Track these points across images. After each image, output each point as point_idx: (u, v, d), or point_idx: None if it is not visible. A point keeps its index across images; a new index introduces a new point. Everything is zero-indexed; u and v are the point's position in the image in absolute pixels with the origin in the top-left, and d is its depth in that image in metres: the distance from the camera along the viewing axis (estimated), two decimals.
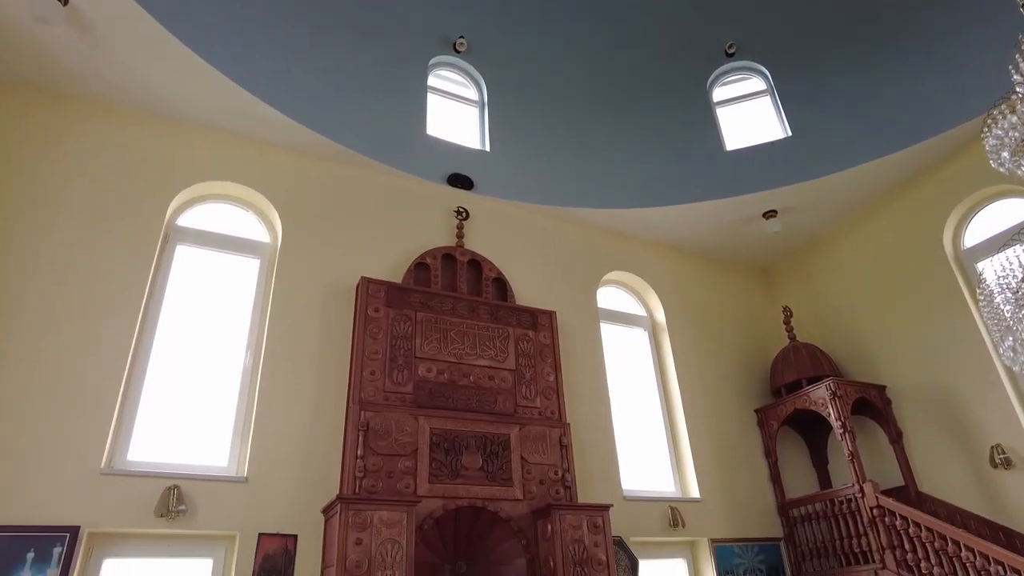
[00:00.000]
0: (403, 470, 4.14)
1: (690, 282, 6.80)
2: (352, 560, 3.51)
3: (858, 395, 5.67)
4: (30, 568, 3.33)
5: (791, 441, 6.36)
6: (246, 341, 4.59)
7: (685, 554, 5.46)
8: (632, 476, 5.45)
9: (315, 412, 4.34)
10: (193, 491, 3.82)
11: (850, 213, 6.50)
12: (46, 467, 3.57)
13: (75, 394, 3.79)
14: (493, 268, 5.39)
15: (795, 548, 5.63)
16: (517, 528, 4.28)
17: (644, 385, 6.15)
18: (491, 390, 4.73)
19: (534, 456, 4.59)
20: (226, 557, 3.90)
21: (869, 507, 5.05)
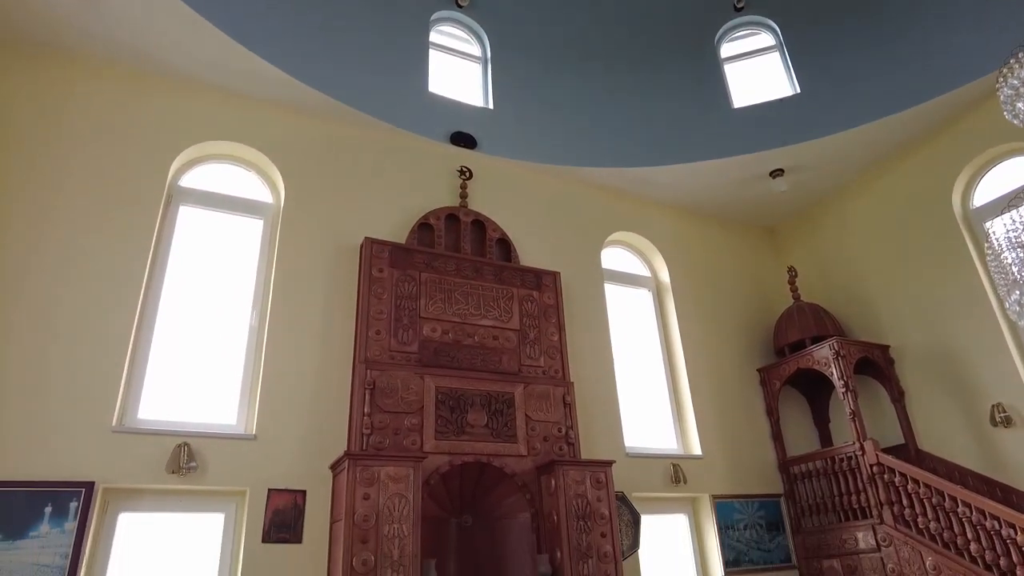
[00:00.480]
0: (409, 427, 4.20)
1: (695, 242, 6.76)
2: (360, 514, 3.59)
3: (861, 355, 5.70)
4: (48, 522, 3.42)
5: (793, 400, 6.42)
6: (251, 301, 4.61)
7: (686, 509, 5.57)
8: (635, 434, 5.53)
9: (321, 371, 4.39)
10: (203, 448, 3.89)
11: (858, 172, 6.42)
12: (60, 425, 3.63)
13: (84, 354, 3.84)
14: (497, 228, 5.37)
15: (795, 504, 5.74)
16: (521, 483, 4.36)
17: (647, 345, 6.18)
18: (496, 350, 4.76)
19: (538, 414, 4.65)
20: (237, 512, 3.99)
21: (869, 464, 5.12)
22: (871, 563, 4.99)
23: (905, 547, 4.77)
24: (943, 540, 4.59)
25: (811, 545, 5.49)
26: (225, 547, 3.92)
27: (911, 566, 4.73)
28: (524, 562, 4.25)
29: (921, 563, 4.66)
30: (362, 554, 3.51)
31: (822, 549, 5.39)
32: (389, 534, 3.61)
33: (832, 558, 5.30)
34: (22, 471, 3.46)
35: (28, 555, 3.33)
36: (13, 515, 3.36)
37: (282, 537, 3.87)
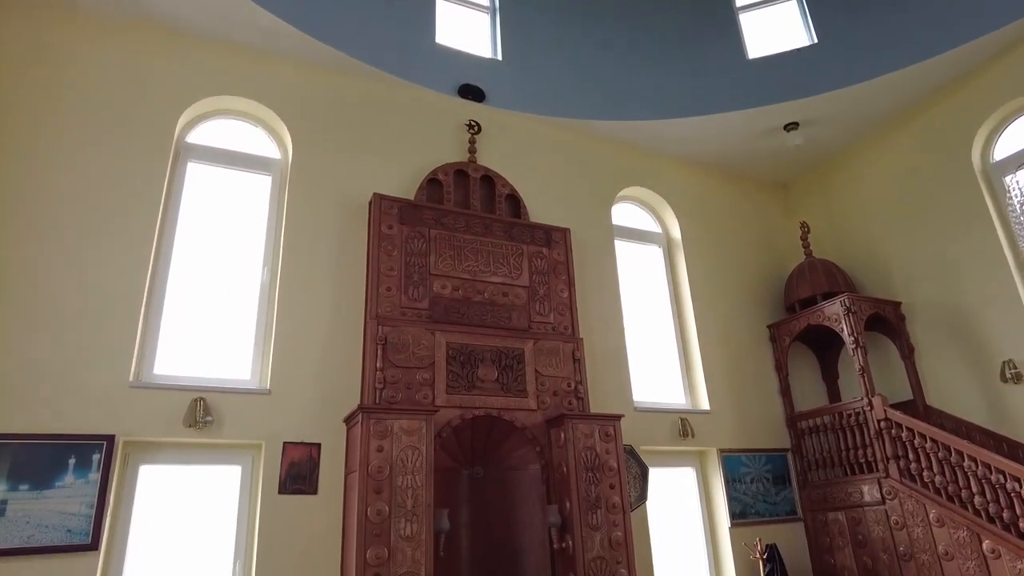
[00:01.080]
0: (421, 382, 4.25)
1: (707, 198, 6.68)
2: (374, 465, 3.67)
3: (872, 311, 5.68)
4: (73, 473, 3.52)
5: (802, 356, 6.43)
6: (262, 257, 4.62)
7: (694, 463, 5.66)
8: (643, 389, 5.58)
9: (334, 326, 4.42)
10: (218, 403, 3.96)
11: (875, 125, 6.27)
12: (80, 381, 3.70)
13: (99, 311, 3.87)
14: (506, 184, 5.32)
15: (802, 458, 5.81)
16: (531, 436, 4.43)
17: (657, 301, 6.18)
18: (505, 306, 4.77)
19: (548, 369, 4.69)
20: (253, 464, 4.09)
21: (877, 420, 5.16)
22: (875, 515, 5.08)
23: (910, 500, 4.84)
24: (947, 493, 4.65)
25: (816, 498, 5.58)
26: (243, 498, 4.03)
27: (914, 518, 4.80)
28: (534, 512, 4.36)
29: (924, 515, 4.74)
30: (376, 504, 3.60)
31: (827, 502, 5.48)
32: (403, 485, 3.70)
33: (837, 511, 5.39)
34: (46, 425, 3.55)
35: (56, 504, 3.44)
36: (40, 467, 3.46)
37: (298, 488, 3.97)
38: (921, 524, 4.76)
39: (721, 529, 5.39)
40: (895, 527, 4.92)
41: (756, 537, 5.16)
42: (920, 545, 4.75)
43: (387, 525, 3.59)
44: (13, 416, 3.50)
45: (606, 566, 4.05)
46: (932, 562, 4.66)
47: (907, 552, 4.82)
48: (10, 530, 3.32)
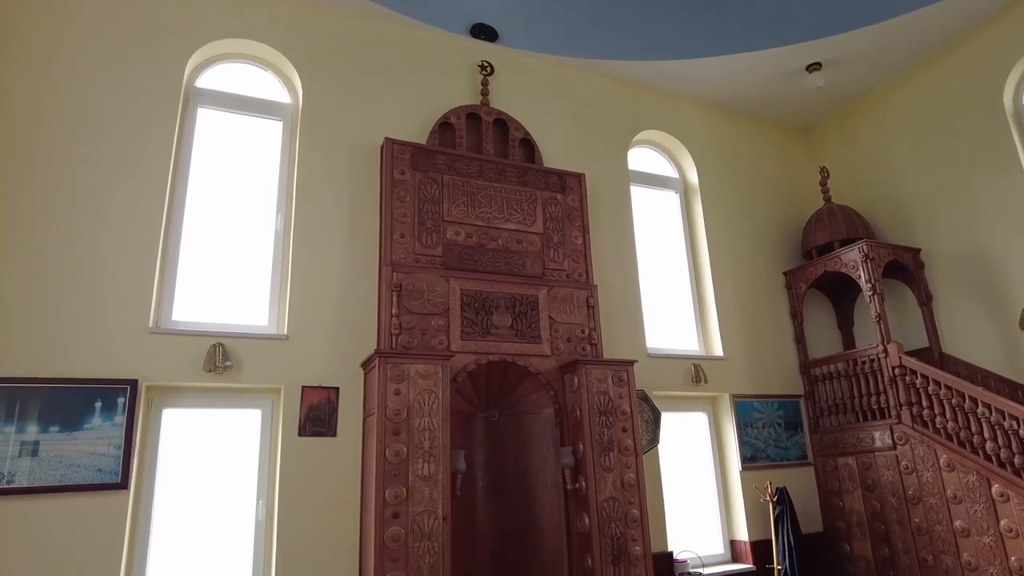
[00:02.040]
0: (436, 328, 4.28)
1: (725, 141, 6.53)
2: (392, 408, 3.74)
3: (891, 258, 5.60)
4: (100, 415, 3.62)
5: (818, 303, 6.40)
6: (276, 204, 4.61)
7: (706, 408, 5.72)
8: (657, 335, 5.59)
9: (349, 273, 4.44)
10: (237, 348, 4.02)
11: (900, 66, 6.04)
12: (102, 327, 3.75)
13: (116, 258, 3.90)
14: (520, 128, 5.21)
15: (814, 404, 5.85)
16: (545, 381, 4.47)
17: (673, 247, 6.13)
18: (519, 253, 4.75)
19: (561, 316, 4.70)
20: (273, 408, 4.18)
21: (891, 366, 5.15)
22: (885, 460, 5.13)
23: (921, 445, 4.88)
24: (959, 439, 4.68)
25: (827, 443, 5.64)
26: (264, 440, 4.13)
27: (924, 463, 4.85)
28: (548, 454, 4.44)
29: (935, 460, 4.78)
30: (395, 445, 3.69)
31: (838, 447, 5.54)
32: (420, 427, 3.77)
33: (847, 456, 5.45)
34: (71, 370, 3.63)
35: (85, 445, 3.55)
36: (68, 409, 3.57)
37: (317, 431, 4.06)
38: (931, 469, 4.81)
39: (732, 472, 5.48)
40: (905, 472, 4.98)
41: (767, 480, 5.25)
42: (929, 489, 4.81)
43: (405, 465, 3.68)
44: (40, 361, 3.58)
45: (618, 506, 4.14)
46: (940, 505, 4.72)
47: (915, 496, 4.88)
48: (44, 469, 3.45)
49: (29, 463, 3.44)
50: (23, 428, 3.47)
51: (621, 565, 4.03)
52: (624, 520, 4.13)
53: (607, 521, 4.08)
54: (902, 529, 4.97)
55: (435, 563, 3.59)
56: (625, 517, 4.14)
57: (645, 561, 4.11)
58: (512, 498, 4.40)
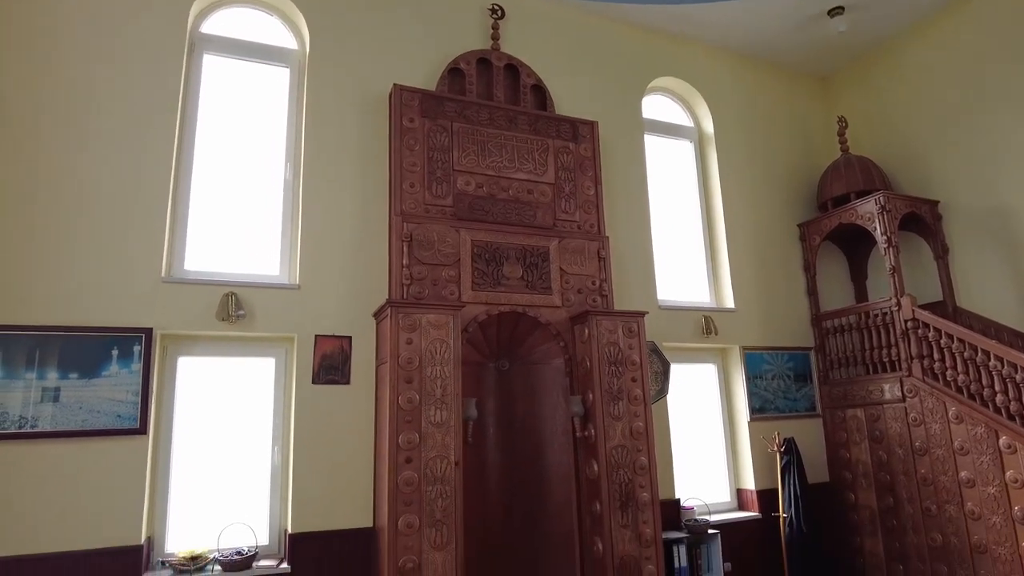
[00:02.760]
0: (447, 279, 4.28)
1: (743, 90, 6.36)
2: (404, 357, 3.77)
3: (908, 210, 5.50)
4: (117, 363, 3.68)
5: (831, 256, 6.33)
6: (284, 153, 4.56)
7: (716, 360, 5.74)
8: (668, 287, 5.57)
9: (360, 222, 4.42)
10: (249, 297, 4.04)
11: (926, 8, 5.80)
12: (115, 276, 3.78)
13: (127, 207, 3.89)
14: (531, 74, 5.08)
15: (824, 357, 5.86)
16: (556, 332, 4.49)
17: (686, 198, 6.05)
18: (530, 204, 4.69)
19: (572, 267, 4.67)
20: (287, 356, 4.23)
21: (904, 319, 5.13)
22: (894, 412, 5.16)
23: (930, 398, 4.89)
24: (969, 392, 4.68)
25: (836, 395, 5.67)
26: (278, 388, 4.20)
27: (933, 415, 4.87)
28: (558, 403, 4.49)
29: (944, 412, 4.80)
30: (407, 392, 3.73)
31: (847, 399, 5.57)
32: (432, 375, 3.81)
33: (856, 407, 5.49)
34: (88, 318, 3.67)
35: (104, 391, 3.62)
36: (86, 357, 3.63)
37: (331, 379, 4.11)
38: (939, 421, 4.83)
39: (740, 423, 5.53)
40: (913, 424, 5.01)
41: (775, 431, 5.31)
42: (936, 441, 4.84)
43: (418, 412, 3.73)
44: (57, 310, 3.62)
45: (627, 454, 4.20)
46: (946, 456, 4.76)
47: (923, 447, 4.92)
48: (66, 415, 3.53)
49: (51, 409, 3.52)
50: (43, 375, 3.54)
51: (629, 510, 4.12)
52: (632, 467, 4.20)
53: (615, 468, 4.15)
54: (907, 479, 5.03)
55: (447, 506, 3.68)
56: (633, 464, 4.21)
57: (652, 507, 4.20)
58: (522, 445, 4.48)
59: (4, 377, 3.47)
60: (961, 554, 4.64)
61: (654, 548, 4.14)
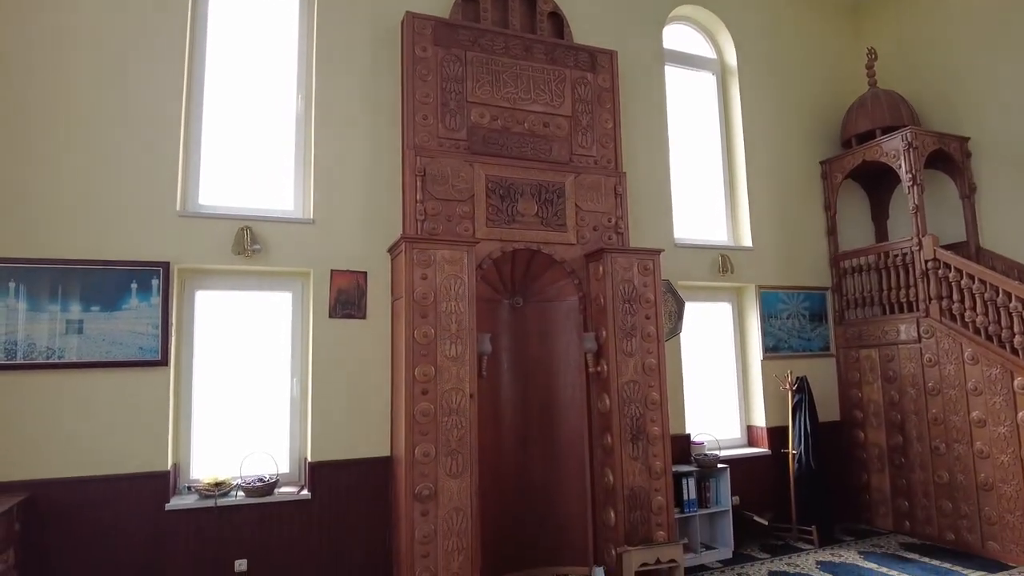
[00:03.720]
0: (461, 215, 4.24)
1: (768, 19, 6.08)
2: (419, 292, 3.79)
3: (936, 147, 5.32)
4: (136, 296, 3.74)
5: (852, 195, 6.20)
6: (295, 86, 4.47)
7: (731, 299, 5.71)
8: (685, 225, 5.50)
9: (373, 157, 4.36)
10: (264, 232, 4.05)
11: None
12: (131, 210, 3.80)
13: (139, 141, 3.86)
14: (549, 0, 4.87)
15: (841, 297, 5.81)
16: (570, 269, 4.47)
17: (706, 133, 5.89)
18: (546, 137, 4.59)
19: (588, 204, 4.61)
20: (303, 291, 4.27)
21: (924, 259, 5.05)
22: (908, 353, 5.15)
23: (947, 339, 4.86)
24: (987, 333, 4.64)
25: (851, 336, 5.65)
26: (295, 322, 4.26)
27: (948, 356, 4.86)
28: (571, 340, 4.52)
29: (960, 353, 4.78)
30: (423, 327, 3.77)
31: (862, 339, 5.55)
32: (447, 310, 3.83)
33: (870, 348, 5.48)
34: (105, 252, 3.71)
35: (125, 324, 3.69)
36: (106, 290, 3.69)
37: (347, 313, 4.15)
38: (954, 361, 4.82)
39: (753, 361, 5.55)
40: (927, 364, 5.00)
41: (787, 369, 5.33)
42: (950, 381, 4.84)
43: (433, 346, 3.77)
44: (76, 244, 3.67)
45: (638, 389, 4.25)
46: (959, 396, 4.77)
47: (936, 387, 4.93)
48: (90, 346, 3.62)
49: (76, 340, 3.60)
50: (67, 307, 3.60)
51: (639, 444, 4.20)
52: (644, 402, 4.25)
53: (627, 402, 4.21)
54: (918, 419, 5.06)
55: (463, 436, 3.77)
56: (645, 399, 4.26)
57: (663, 441, 4.27)
58: (535, 380, 4.54)
59: (29, 309, 3.54)
60: (966, 491, 4.71)
61: (663, 480, 4.24)
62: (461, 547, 3.70)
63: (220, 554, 3.71)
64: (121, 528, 3.56)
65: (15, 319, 3.52)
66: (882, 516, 5.34)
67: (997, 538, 4.51)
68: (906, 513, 5.15)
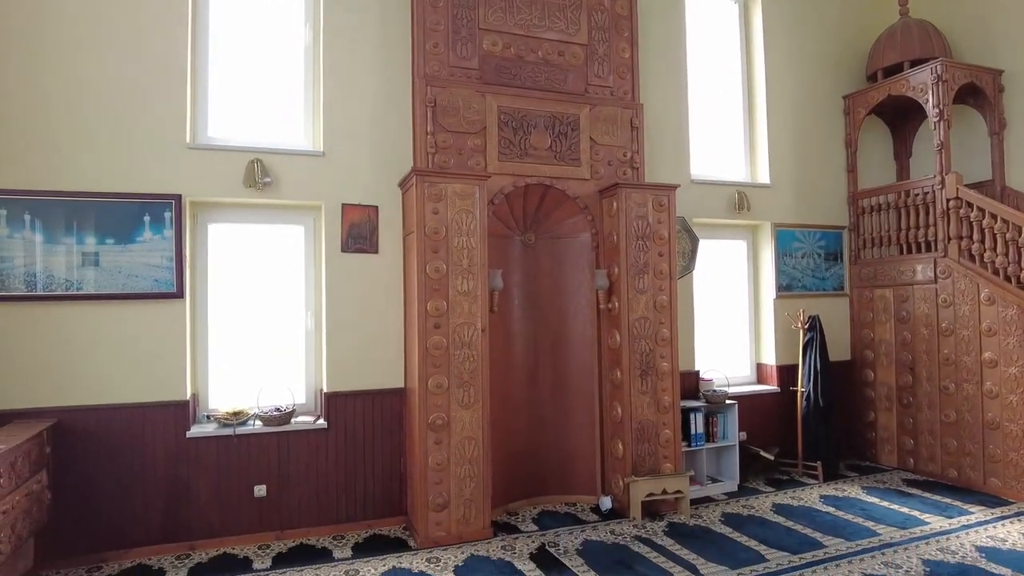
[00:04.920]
0: (472, 148, 4.17)
1: None
2: (431, 227, 3.77)
3: (967, 80, 5.11)
4: (150, 229, 3.75)
5: (875, 132, 6.01)
6: (303, 15, 4.33)
7: (746, 237, 5.64)
8: (702, 160, 5.38)
9: (383, 88, 4.26)
10: (275, 164, 4.01)
11: None
12: (141, 143, 3.77)
13: (145, 69, 3.80)
14: None
15: (858, 236, 5.72)
16: (583, 205, 4.42)
17: (726, 65, 5.68)
18: (561, 67, 4.45)
19: (603, 137, 4.50)
20: (315, 224, 4.26)
21: (946, 198, 4.93)
22: (923, 293, 5.10)
23: (963, 279, 4.80)
24: (1006, 274, 4.57)
25: (866, 275, 5.60)
26: (308, 256, 4.27)
27: (964, 296, 4.81)
28: (583, 277, 4.52)
29: (976, 294, 4.73)
30: (434, 262, 3.77)
31: (877, 279, 5.50)
32: (458, 245, 3.82)
33: (885, 288, 5.43)
34: (117, 184, 3.71)
35: (140, 257, 3.72)
36: (120, 223, 3.70)
37: (360, 248, 4.15)
38: (970, 302, 4.77)
39: (766, 300, 5.53)
40: (942, 305, 4.96)
41: (800, 308, 5.31)
42: (964, 322, 4.81)
43: (445, 281, 3.79)
44: (87, 176, 3.66)
45: (649, 325, 4.27)
46: (972, 337, 4.75)
47: (949, 328, 4.90)
48: (107, 279, 3.66)
49: (93, 273, 3.65)
50: (82, 240, 3.63)
51: (649, 379, 4.25)
52: (654, 338, 4.28)
53: (637, 338, 4.23)
54: (929, 359, 5.06)
55: (474, 369, 3.83)
56: (655, 336, 4.28)
57: (672, 376, 4.32)
58: (547, 316, 4.56)
59: (45, 242, 3.58)
60: (972, 430, 4.75)
61: (671, 414, 4.31)
62: (473, 474, 3.81)
63: (240, 479, 3.86)
64: (146, 453, 3.69)
65: (33, 251, 3.56)
66: (887, 454, 5.42)
67: (999, 475, 4.57)
68: (911, 451, 5.23)
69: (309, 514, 3.98)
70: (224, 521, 3.82)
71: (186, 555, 3.69)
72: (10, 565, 3.09)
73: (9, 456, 2.90)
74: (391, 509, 4.15)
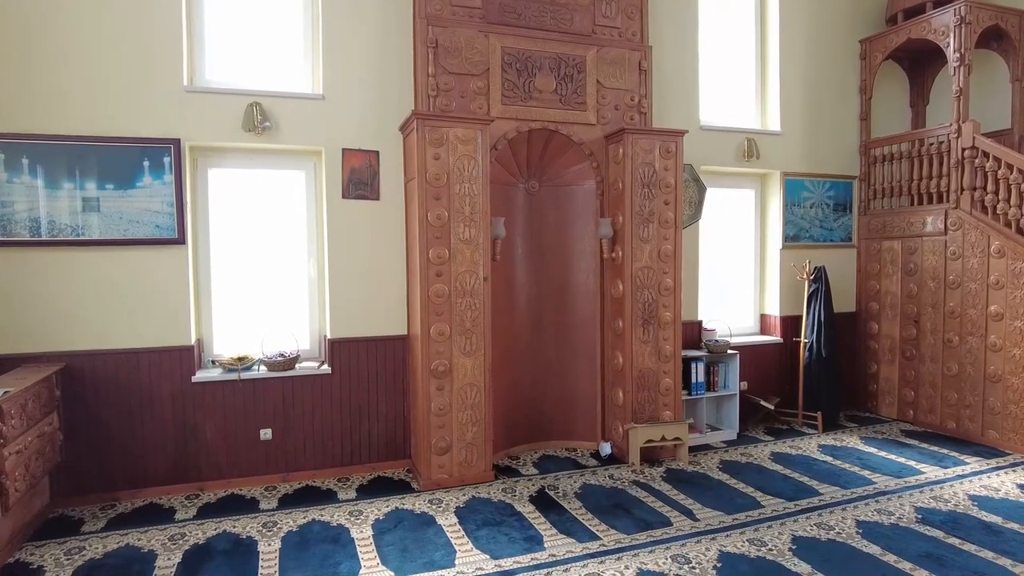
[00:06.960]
0: (475, 91, 4.06)
1: None
2: (432, 173, 3.71)
3: (992, 23, 4.90)
4: (149, 174, 3.71)
5: (892, 78, 5.82)
6: None
7: (755, 185, 5.55)
8: (712, 106, 5.24)
9: (384, 29, 4.13)
10: (274, 108, 3.93)
11: None
12: (138, 87, 3.69)
13: (143, 13, 3.69)
14: None
15: (868, 186, 5.61)
16: (589, 152, 4.33)
17: (738, 8, 5.45)
18: (567, 6, 4.28)
19: (610, 81, 4.38)
20: (315, 170, 4.20)
21: (962, 148, 4.81)
22: (932, 245, 5.03)
23: (974, 231, 4.72)
24: (1018, 226, 4.49)
25: (875, 226, 5.52)
26: (309, 202, 4.23)
27: (974, 249, 4.74)
28: (587, 225, 4.47)
29: (986, 247, 4.66)
30: (436, 209, 3.73)
31: (885, 230, 5.42)
32: (460, 192, 3.77)
33: (893, 239, 5.36)
34: (114, 128, 3.65)
35: (140, 202, 3.69)
36: (119, 168, 3.66)
37: (360, 194, 4.11)
38: (979, 255, 4.71)
39: (772, 250, 5.48)
40: (951, 257, 4.90)
41: (806, 259, 5.26)
42: (971, 275, 4.76)
43: (447, 229, 3.75)
44: (83, 120, 3.61)
45: (652, 275, 4.24)
46: (979, 290, 4.70)
47: (956, 281, 4.86)
48: (108, 224, 3.65)
49: (96, 218, 3.63)
50: (83, 185, 3.60)
51: (651, 328, 4.25)
52: (657, 288, 4.26)
53: (640, 288, 4.22)
54: (934, 312, 5.04)
55: (476, 317, 3.84)
56: (658, 285, 4.26)
57: (674, 326, 4.32)
58: (550, 265, 4.54)
59: (46, 187, 3.55)
60: (974, 382, 4.76)
61: (672, 363, 4.33)
62: (475, 419, 3.87)
63: (246, 423, 3.93)
64: (153, 397, 3.76)
65: (35, 196, 3.54)
66: (887, 405, 5.46)
67: (998, 427, 4.60)
68: (911, 402, 5.26)
69: (314, 457, 4.07)
70: (231, 463, 3.91)
71: (195, 495, 3.79)
72: (26, 502, 3.20)
73: (20, 398, 2.96)
74: (395, 452, 4.24)
